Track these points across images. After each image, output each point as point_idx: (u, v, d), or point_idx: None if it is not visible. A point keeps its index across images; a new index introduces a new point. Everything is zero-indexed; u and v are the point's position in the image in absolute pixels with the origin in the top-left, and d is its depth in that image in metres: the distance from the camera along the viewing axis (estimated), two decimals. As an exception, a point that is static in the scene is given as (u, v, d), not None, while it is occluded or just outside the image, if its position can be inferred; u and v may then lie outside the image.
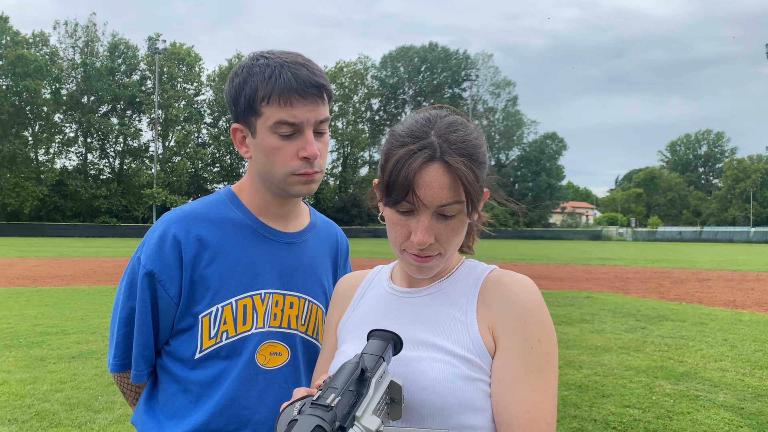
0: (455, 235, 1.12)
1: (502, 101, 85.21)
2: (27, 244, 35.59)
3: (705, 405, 5.39)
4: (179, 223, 1.39)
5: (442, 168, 1.06)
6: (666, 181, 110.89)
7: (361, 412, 0.87)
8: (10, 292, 12.38)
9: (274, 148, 1.35)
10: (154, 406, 1.45)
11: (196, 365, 1.39)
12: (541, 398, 1.06)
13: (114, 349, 1.43)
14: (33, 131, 60.80)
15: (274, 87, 1.29)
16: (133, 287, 1.38)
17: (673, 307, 11.89)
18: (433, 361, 1.09)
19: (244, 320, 1.40)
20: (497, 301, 1.13)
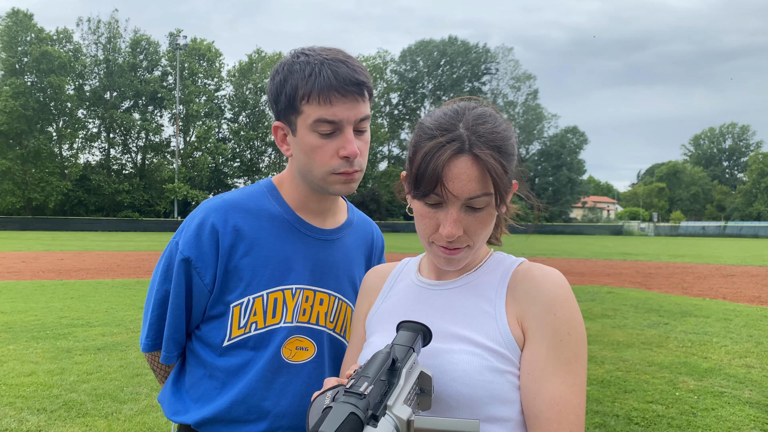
0: (484, 227, 1.12)
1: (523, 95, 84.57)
2: (52, 238, 36.19)
3: (730, 401, 5.33)
4: (218, 212, 1.40)
5: (471, 160, 1.06)
6: (689, 176, 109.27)
7: (393, 401, 0.88)
8: (37, 285, 12.61)
9: (314, 146, 1.34)
10: (180, 387, 1.49)
11: (224, 352, 1.41)
12: (570, 390, 1.06)
13: (147, 329, 1.47)
14: (57, 127, 61.64)
15: (314, 85, 1.29)
16: (170, 271, 1.41)
17: (697, 302, 11.75)
18: (462, 353, 1.10)
19: (273, 313, 1.42)
20: (526, 293, 1.13)
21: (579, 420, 1.06)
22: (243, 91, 71.49)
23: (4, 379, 5.60)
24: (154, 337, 1.46)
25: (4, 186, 55.17)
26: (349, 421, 0.76)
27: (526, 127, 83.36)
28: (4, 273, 15.03)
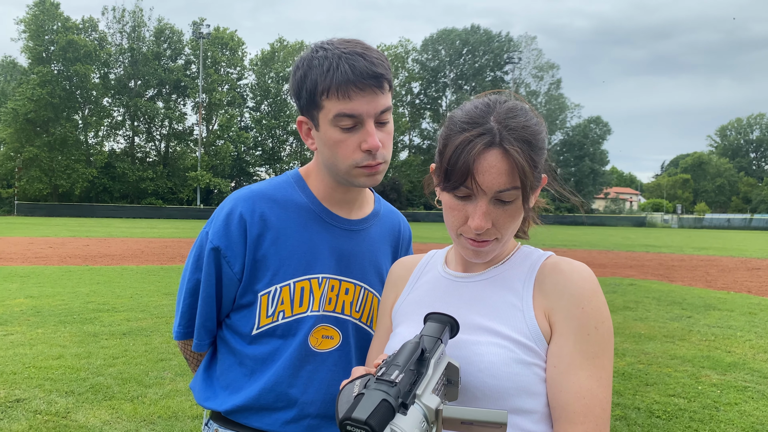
0: (512, 220, 1.13)
1: (545, 84, 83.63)
2: (78, 224, 36.80)
3: (753, 396, 5.27)
4: (246, 202, 1.43)
5: (501, 154, 1.07)
6: (715, 167, 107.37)
7: (422, 390, 0.90)
8: (64, 270, 12.86)
9: (337, 141, 1.36)
10: (211, 375, 1.53)
11: (253, 341, 1.44)
12: (597, 384, 1.07)
13: (179, 318, 1.51)
14: (83, 115, 62.53)
15: (332, 80, 1.29)
16: (200, 260, 1.44)
17: (721, 296, 11.60)
18: (489, 345, 1.11)
19: (300, 302, 1.44)
20: (554, 287, 1.14)
21: (605, 414, 1.07)
22: (265, 80, 71.72)
23: (34, 362, 5.74)
24: (186, 325, 1.50)
25: (32, 173, 56.20)
26: (381, 407, 0.77)
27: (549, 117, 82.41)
28: (32, 258, 15.35)
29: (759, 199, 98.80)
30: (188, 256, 1.50)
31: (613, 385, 5.42)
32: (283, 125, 70.77)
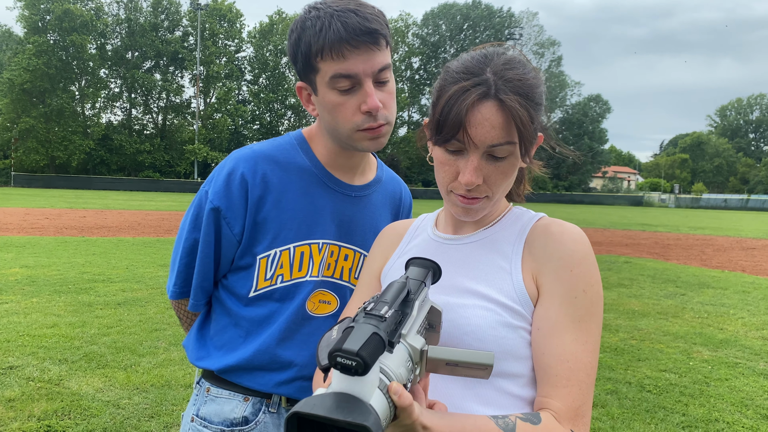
0: (504, 178, 1.10)
1: (546, 61, 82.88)
2: (75, 196, 36.68)
3: (744, 372, 5.31)
4: (248, 162, 1.39)
5: (496, 106, 1.02)
6: (713, 147, 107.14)
7: (407, 330, 0.88)
8: (59, 241, 12.83)
9: (336, 104, 1.31)
10: (205, 334, 1.52)
11: (250, 302, 1.43)
12: (581, 348, 1.05)
13: (174, 277, 1.48)
14: (79, 86, 61.93)
15: (325, 40, 1.24)
16: (199, 220, 1.41)
17: (715, 274, 11.64)
18: (475, 308, 1.09)
19: (300, 266, 1.42)
20: (543, 249, 1.11)
21: (589, 379, 1.05)
22: (263, 52, 70.97)
23: (28, 330, 5.75)
24: (182, 285, 1.47)
25: (28, 144, 55.83)
26: (372, 340, 0.74)
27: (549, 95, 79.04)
28: (29, 228, 15.31)
29: (756, 180, 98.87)
30: (185, 214, 1.47)
31: (605, 359, 5.47)
32: (281, 99, 70.25)
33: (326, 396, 0.74)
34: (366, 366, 0.71)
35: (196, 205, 1.43)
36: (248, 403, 1.44)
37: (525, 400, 1.09)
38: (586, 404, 1.05)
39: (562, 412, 1.03)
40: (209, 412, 1.46)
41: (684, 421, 4.20)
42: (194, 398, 1.52)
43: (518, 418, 1.01)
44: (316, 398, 0.74)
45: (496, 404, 1.07)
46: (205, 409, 1.47)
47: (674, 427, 4.08)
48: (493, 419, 0.99)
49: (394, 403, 0.80)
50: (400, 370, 0.83)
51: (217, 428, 1.45)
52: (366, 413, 0.71)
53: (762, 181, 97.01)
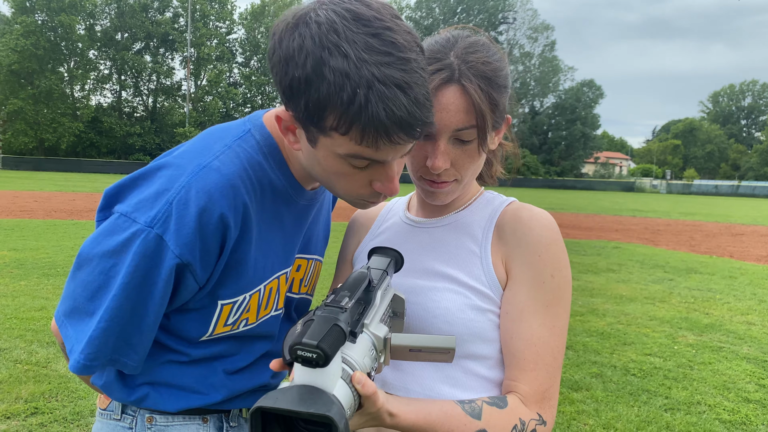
0: (472, 161, 1.10)
1: (539, 46, 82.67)
2: (64, 179, 36.44)
3: (727, 356, 5.38)
4: (226, 196, 1.03)
5: (459, 91, 1.03)
6: (705, 133, 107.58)
7: (370, 319, 0.89)
8: (49, 224, 12.76)
9: (340, 173, 1.02)
10: (154, 375, 1.19)
11: (199, 344, 1.17)
12: (549, 333, 1.07)
13: (85, 345, 1.04)
14: (68, 67, 61.24)
15: (354, 119, 0.89)
16: (147, 273, 1.01)
17: (703, 260, 11.74)
18: (445, 291, 1.10)
19: (267, 304, 1.20)
20: (512, 234, 1.12)
21: (556, 362, 1.07)
22: (255, 35, 70.37)
23: (16, 313, 5.73)
24: (95, 355, 1.04)
25: (17, 126, 55.29)
26: (333, 331, 0.75)
27: (542, 80, 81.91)
28: (17, 211, 15.21)
29: (747, 167, 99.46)
30: (96, 248, 1.04)
31: (591, 343, 5.53)
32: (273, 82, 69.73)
33: (289, 389, 0.75)
34: (327, 357, 0.72)
35: (138, 253, 1.00)
36: (208, 424, 1.22)
37: (493, 382, 1.11)
38: (553, 387, 1.07)
39: (529, 396, 1.05)
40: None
41: (667, 403, 4.25)
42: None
43: (484, 402, 1.02)
44: (278, 392, 0.74)
45: (464, 385, 1.09)
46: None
47: (657, 410, 4.13)
48: (460, 404, 1.01)
49: (358, 393, 0.81)
50: (364, 360, 0.84)
51: None
52: (328, 404, 0.72)
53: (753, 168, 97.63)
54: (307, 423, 0.76)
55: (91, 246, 1.05)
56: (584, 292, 8.07)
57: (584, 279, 9.03)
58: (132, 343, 1.06)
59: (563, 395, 4.31)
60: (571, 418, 3.94)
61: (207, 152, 1.06)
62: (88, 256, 1.05)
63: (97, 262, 1.04)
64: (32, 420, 3.58)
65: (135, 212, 1.02)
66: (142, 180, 1.07)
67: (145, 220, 1.01)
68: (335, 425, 0.70)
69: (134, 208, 1.03)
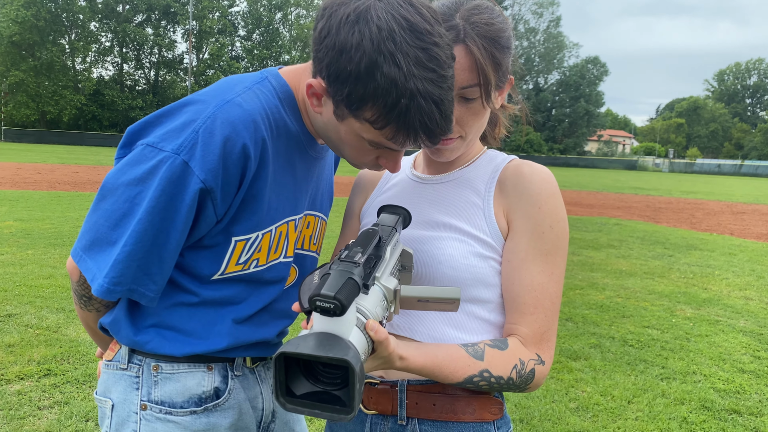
0: (476, 119, 1.16)
1: (545, 21, 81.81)
2: (66, 152, 36.44)
3: (724, 329, 5.47)
4: (248, 130, 1.09)
5: (464, 50, 1.09)
6: (710, 112, 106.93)
7: (381, 273, 0.97)
8: (53, 196, 12.84)
9: (354, 146, 1.13)
10: (143, 311, 1.22)
11: (211, 283, 1.21)
12: (547, 279, 1.14)
13: (110, 268, 1.08)
14: (69, 39, 60.82)
15: (391, 121, 1.02)
16: (172, 198, 1.06)
17: (704, 237, 11.81)
18: (449, 239, 1.17)
19: (276, 248, 1.25)
20: (514, 187, 1.19)
21: (554, 306, 1.15)
22: (257, 7, 69.65)
23: (24, 281, 5.83)
24: (119, 277, 1.09)
25: (18, 98, 55.10)
26: (348, 284, 0.82)
27: (546, 56, 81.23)
28: (21, 183, 15.28)
29: (751, 146, 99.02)
30: (124, 176, 1.09)
31: (590, 315, 5.62)
32: (275, 56, 69.28)
33: (309, 336, 0.82)
34: (343, 307, 0.79)
35: (164, 178, 1.05)
36: (213, 372, 1.24)
37: (493, 324, 1.18)
38: (551, 330, 1.15)
39: (529, 337, 1.13)
40: (168, 393, 1.22)
41: (663, 373, 4.35)
42: (129, 382, 1.23)
43: (486, 345, 1.10)
44: (299, 339, 0.81)
45: (466, 327, 1.17)
46: (161, 390, 1.21)
47: (653, 379, 4.23)
48: (464, 347, 1.08)
49: (371, 339, 0.89)
50: (376, 309, 0.92)
51: (185, 411, 1.22)
52: (345, 349, 0.79)
53: (756, 147, 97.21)
54: (325, 366, 0.83)
55: (116, 176, 1.10)
56: (585, 266, 8.16)
57: (585, 254, 9.11)
58: (152, 273, 1.11)
59: (562, 364, 4.41)
60: (569, 386, 4.04)
61: (230, 91, 1.13)
62: (113, 186, 1.09)
63: (122, 191, 1.08)
64: (45, 381, 3.68)
65: (161, 142, 1.08)
66: (166, 116, 1.12)
67: (171, 147, 1.06)
68: (351, 368, 0.77)
69: (161, 138, 1.08)
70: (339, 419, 0.82)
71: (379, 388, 1.18)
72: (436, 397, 1.14)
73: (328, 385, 0.84)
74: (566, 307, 5.95)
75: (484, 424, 1.15)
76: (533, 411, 3.63)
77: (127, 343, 1.22)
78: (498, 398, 1.19)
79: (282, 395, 0.83)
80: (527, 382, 1.11)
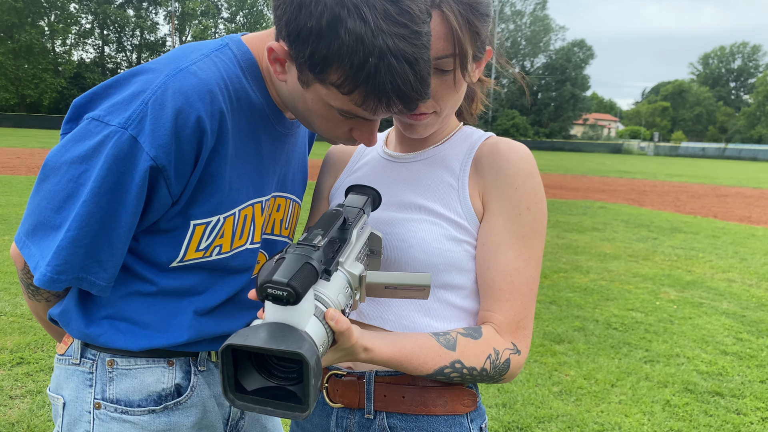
0: (452, 92, 1.08)
1: (531, 4, 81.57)
2: (47, 136, 35.85)
3: (707, 312, 5.48)
4: (203, 101, 0.98)
5: (440, 17, 1.00)
6: (695, 96, 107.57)
7: (345, 257, 0.89)
8: (31, 180, 12.60)
9: (324, 116, 1.02)
10: (96, 301, 1.12)
11: (169, 272, 1.11)
12: (524, 264, 1.07)
13: (53, 256, 0.99)
14: (49, 21, 59.68)
15: (360, 84, 0.90)
16: (119, 177, 0.96)
17: (688, 220, 11.86)
18: (422, 222, 1.10)
19: (241, 234, 1.14)
20: (490, 166, 1.11)
21: (531, 293, 1.08)
22: (241, -11, 68.78)
23: (0, 267, 5.70)
24: (63, 265, 0.99)
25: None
26: (304, 269, 0.74)
27: (533, 39, 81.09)
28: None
29: (734, 129, 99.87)
30: (66, 154, 0.99)
31: (574, 299, 5.60)
32: (273, 13, 68.57)
33: (259, 327, 0.74)
34: (297, 295, 0.72)
35: (111, 155, 0.95)
36: (174, 367, 1.15)
37: (466, 312, 1.11)
38: (527, 317, 1.07)
39: (504, 325, 1.06)
40: (124, 390, 1.12)
41: (647, 355, 4.34)
42: (82, 378, 1.14)
43: (459, 334, 1.03)
44: (249, 330, 0.73)
45: (438, 315, 1.10)
46: (116, 388, 1.12)
47: (637, 362, 4.22)
48: (435, 336, 1.01)
49: (331, 329, 0.81)
50: (338, 297, 0.84)
51: (143, 410, 1.13)
52: (299, 341, 0.71)
53: (740, 131, 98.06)
54: (279, 360, 0.76)
55: (58, 154, 0.99)
56: (569, 249, 8.15)
57: (569, 237, 9.10)
58: (101, 260, 1.01)
59: (545, 347, 4.38)
60: (552, 369, 4.01)
61: (184, 58, 1.02)
62: (56, 164, 0.99)
63: (65, 170, 0.98)
64: (18, 369, 3.59)
65: (108, 115, 0.97)
66: (115, 87, 1.01)
67: (118, 121, 0.96)
68: (306, 362, 0.70)
69: (107, 112, 0.98)
70: (294, 417, 0.74)
71: (345, 380, 1.11)
72: (406, 389, 1.07)
73: (282, 380, 0.76)
74: (550, 290, 5.92)
75: (456, 417, 1.09)
76: (516, 395, 3.60)
77: (78, 336, 1.12)
78: (472, 389, 1.12)
79: (231, 391, 0.75)
80: (501, 373, 1.05)
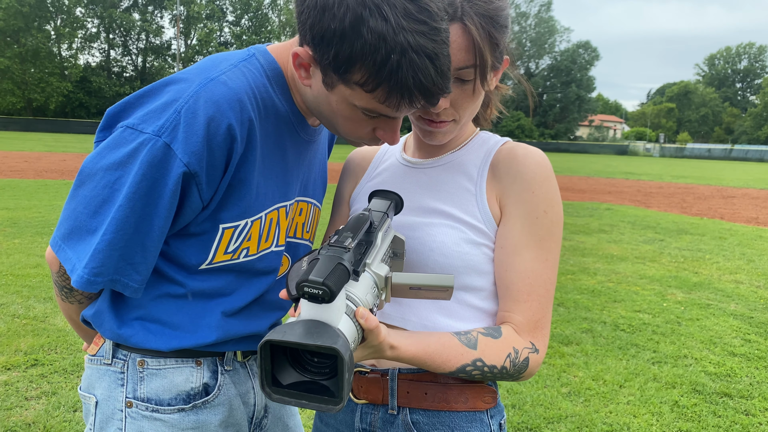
0: (471, 101, 1.12)
1: (536, 6, 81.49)
2: (54, 140, 36.06)
3: (715, 313, 5.49)
4: (233, 110, 1.02)
5: (461, 29, 1.04)
6: (700, 97, 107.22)
7: (371, 259, 0.93)
8: (40, 184, 12.69)
9: (348, 117, 1.06)
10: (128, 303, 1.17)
11: (198, 274, 1.15)
12: (542, 266, 1.11)
13: (89, 258, 1.03)
14: (55, 25, 60.03)
15: (383, 81, 0.94)
16: (154, 183, 1.01)
17: (694, 221, 11.85)
18: (441, 226, 1.13)
19: (267, 236, 1.19)
20: (507, 171, 1.15)
21: (548, 294, 1.11)
22: (246, -7, 68.97)
23: (11, 270, 5.75)
24: (99, 268, 1.03)
25: (4, 85, 54.40)
26: (337, 269, 0.78)
27: (538, 41, 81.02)
28: (7, 171, 15.10)
29: (741, 130, 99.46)
30: (102, 161, 1.03)
31: (582, 300, 5.62)
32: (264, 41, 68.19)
33: (296, 323, 0.78)
34: (332, 294, 0.75)
35: (145, 161, 0.99)
36: (202, 367, 1.19)
37: (486, 312, 1.15)
38: (545, 318, 1.11)
39: (523, 325, 1.10)
40: (155, 389, 1.16)
41: (654, 357, 4.36)
42: (114, 378, 1.18)
43: (480, 333, 1.07)
44: (286, 326, 0.77)
45: (458, 316, 1.13)
46: (147, 387, 1.16)
47: (645, 363, 4.23)
48: (456, 335, 1.05)
49: (361, 327, 0.85)
50: (367, 297, 0.88)
51: (173, 409, 1.17)
52: (334, 337, 0.75)
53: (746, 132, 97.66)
54: (313, 355, 0.80)
55: (94, 161, 1.04)
56: (576, 251, 8.16)
57: (576, 239, 9.12)
58: (135, 262, 1.05)
59: (554, 349, 4.40)
60: (561, 371, 4.03)
61: (214, 68, 1.06)
62: (92, 171, 1.04)
63: (101, 176, 1.02)
64: (33, 371, 3.64)
65: (142, 123, 1.01)
66: (147, 97, 1.06)
67: (152, 129, 1.00)
68: (341, 356, 0.73)
69: (141, 120, 1.02)
70: (327, 410, 0.78)
71: (369, 376, 1.14)
72: (428, 386, 1.11)
73: (316, 374, 0.80)
74: (558, 292, 5.94)
75: (477, 413, 1.12)
76: (525, 396, 3.62)
77: (110, 337, 1.16)
78: (491, 387, 1.15)
79: (268, 385, 0.79)
80: (521, 371, 1.08)
